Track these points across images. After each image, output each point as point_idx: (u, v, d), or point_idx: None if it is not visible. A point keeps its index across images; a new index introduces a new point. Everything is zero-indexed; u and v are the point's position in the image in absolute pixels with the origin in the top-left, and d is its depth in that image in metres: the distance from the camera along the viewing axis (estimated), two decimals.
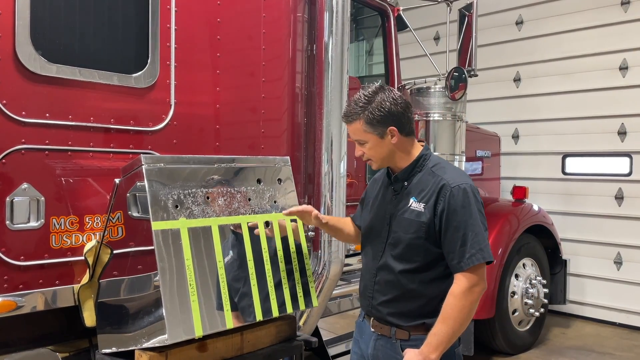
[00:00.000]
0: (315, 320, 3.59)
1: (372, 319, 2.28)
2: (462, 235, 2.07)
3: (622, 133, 6.33)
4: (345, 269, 4.46)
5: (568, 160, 6.78)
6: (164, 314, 2.06)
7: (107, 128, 2.59)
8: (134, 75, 2.66)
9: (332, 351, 3.98)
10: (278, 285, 2.45)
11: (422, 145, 2.29)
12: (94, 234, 2.55)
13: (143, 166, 2.18)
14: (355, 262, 4.62)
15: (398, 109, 2.17)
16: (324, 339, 3.95)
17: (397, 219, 2.20)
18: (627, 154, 6.29)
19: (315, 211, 2.41)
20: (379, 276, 2.24)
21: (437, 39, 7.77)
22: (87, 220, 2.54)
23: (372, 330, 2.27)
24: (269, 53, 3.25)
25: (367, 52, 5.45)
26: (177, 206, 2.22)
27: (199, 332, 2.14)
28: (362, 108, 2.17)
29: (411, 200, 2.18)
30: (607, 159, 6.46)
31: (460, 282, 2.06)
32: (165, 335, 2.07)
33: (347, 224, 2.59)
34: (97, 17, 2.60)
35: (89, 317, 2.52)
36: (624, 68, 6.31)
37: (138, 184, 2.34)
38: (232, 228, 2.41)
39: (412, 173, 2.23)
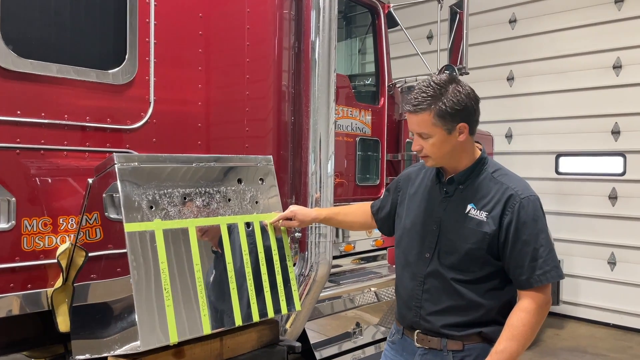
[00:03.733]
0: (302, 323, 3.50)
1: (416, 332, 2.09)
2: (532, 250, 1.90)
3: (615, 132, 6.27)
4: (335, 270, 4.40)
5: (561, 159, 6.73)
6: (136, 320, 1.97)
7: (82, 126, 2.49)
8: (111, 71, 2.57)
9: (321, 354, 3.90)
10: (259, 289, 2.37)
11: (480, 149, 2.12)
12: (68, 235, 2.46)
13: (115, 165, 2.09)
14: (348, 263, 4.56)
15: (472, 103, 1.97)
16: (312, 342, 3.86)
17: (452, 225, 2.02)
18: (620, 154, 6.24)
19: (304, 213, 2.29)
20: (428, 284, 2.05)
21: (430, 37, 7.71)
22: (61, 222, 2.45)
23: (418, 345, 2.07)
24: (253, 50, 3.16)
25: (358, 50, 5.37)
26: (152, 207, 2.13)
27: (173, 339, 2.06)
28: (434, 98, 1.94)
29: (469, 207, 2.00)
30: (600, 158, 6.42)
31: (532, 298, 1.91)
32: (138, 342, 1.98)
33: (352, 212, 2.48)
34: (72, 10, 2.51)
35: (63, 322, 2.42)
36: (617, 67, 6.25)
37: (113, 183, 2.25)
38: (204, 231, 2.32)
39: (470, 176, 2.05)
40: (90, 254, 2.48)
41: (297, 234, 3.43)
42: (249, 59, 3.13)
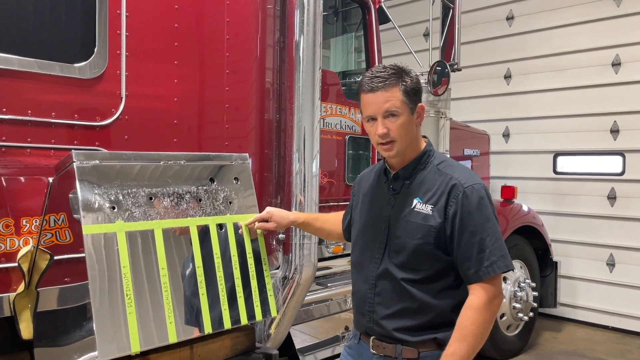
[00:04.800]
0: (286, 328, 3.38)
1: (371, 338, 1.98)
2: (479, 241, 1.83)
3: (614, 131, 6.14)
4: (324, 272, 4.28)
5: (559, 159, 6.60)
6: (94, 328, 1.85)
7: (47, 122, 2.37)
8: (78, 65, 2.44)
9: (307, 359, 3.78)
10: (232, 295, 2.24)
11: (426, 141, 2.03)
12: (32, 238, 2.33)
13: (74, 163, 1.96)
14: (341, 264, 4.43)
15: (422, 87, 1.92)
16: (298, 346, 3.74)
17: (400, 222, 1.93)
18: (619, 153, 6.10)
19: (281, 215, 2.17)
20: (379, 286, 1.95)
21: (426, 35, 7.56)
22: (24, 223, 2.32)
23: (373, 352, 1.98)
24: (233, 44, 3.04)
25: (348, 46, 5.24)
26: (114, 208, 2.00)
27: (135, 348, 1.93)
28: (398, 74, 1.86)
29: (415, 201, 1.91)
30: (599, 157, 6.28)
31: (479, 293, 1.81)
32: (96, 352, 1.86)
33: (330, 220, 2.37)
34: (36, 0, 2.38)
35: (26, 329, 2.30)
36: (616, 64, 6.12)
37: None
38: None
39: (415, 170, 1.96)
40: (63, 257, 2.37)
41: (280, 235, 3.32)
42: (229, 53, 3.01)
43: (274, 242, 3.40)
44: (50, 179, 2.24)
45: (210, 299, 2.17)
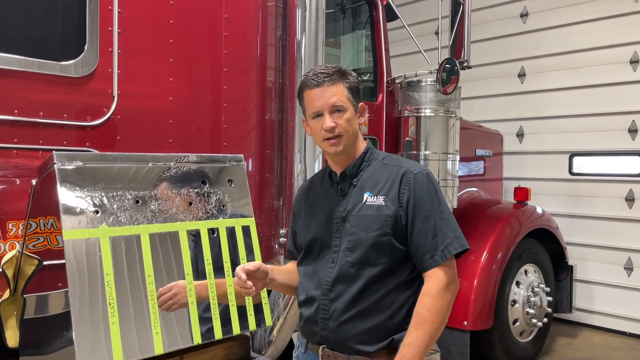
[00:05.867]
0: (287, 334, 3.27)
1: (321, 347, 1.90)
2: (432, 225, 1.80)
3: (632, 131, 5.95)
4: None
5: (575, 159, 6.42)
6: (74, 338, 1.75)
7: (34, 122, 2.29)
8: (67, 63, 2.36)
9: None
10: (223, 303, 2.13)
11: (366, 142, 2.02)
12: (18, 242, 2.25)
13: (55, 165, 1.87)
14: None
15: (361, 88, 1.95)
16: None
17: (352, 219, 1.87)
18: (638, 153, 5.92)
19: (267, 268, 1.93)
20: (335, 291, 1.87)
21: (438, 33, 7.43)
22: (10, 227, 2.24)
23: None
24: (232, 41, 2.94)
25: (356, 44, 5.13)
26: (97, 212, 1.91)
27: None
28: (340, 72, 1.89)
29: (365, 195, 1.88)
30: (616, 158, 6.09)
31: (434, 279, 1.78)
32: None
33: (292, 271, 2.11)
34: None
35: (12, 337, 2.22)
36: (634, 61, 5.93)
37: None
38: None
39: (360, 168, 1.94)
40: (55, 262, 2.28)
41: (281, 239, 3.22)
42: (227, 50, 2.91)
43: (276, 246, 3.31)
44: (34, 181, 2.16)
45: (200, 307, 2.06)
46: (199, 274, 2.10)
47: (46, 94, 2.32)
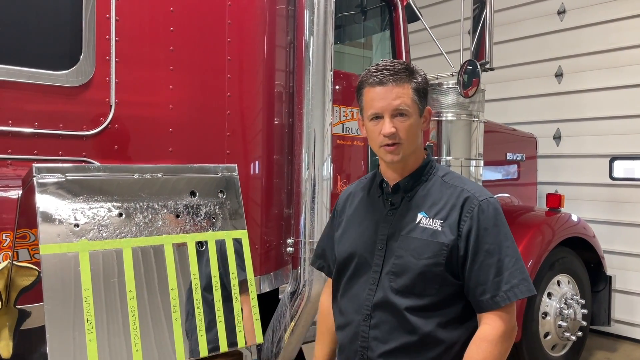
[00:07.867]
0: (295, 347, 3.19)
1: None
2: (496, 262, 1.61)
3: None
4: None
5: (616, 163, 6.10)
6: (48, 356, 1.71)
7: (29, 133, 2.28)
8: (63, 72, 2.34)
9: None
10: (211, 319, 2.06)
11: (427, 152, 1.83)
12: (11, 253, 2.24)
13: (34, 178, 1.85)
14: None
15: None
16: None
17: (401, 240, 1.69)
18: None
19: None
20: (376, 318, 1.69)
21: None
22: (4, 238, 2.23)
23: None
24: (236, 47, 2.87)
25: (376, 47, 4.99)
26: (77, 225, 1.87)
27: None
28: (409, 70, 1.70)
29: (419, 215, 1.69)
30: None
31: (495, 323, 1.59)
32: None
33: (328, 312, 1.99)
34: (18, 4, 2.30)
35: (5, 349, 2.21)
36: None
37: None
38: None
39: (418, 181, 1.74)
40: None
41: (289, 249, 3.13)
42: (230, 56, 2.85)
43: (285, 257, 3.23)
44: (19, 193, 2.14)
45: (186, 323, 2.00)
46: (185, 288, 2.04)
47: (41, 104, 2.31)
